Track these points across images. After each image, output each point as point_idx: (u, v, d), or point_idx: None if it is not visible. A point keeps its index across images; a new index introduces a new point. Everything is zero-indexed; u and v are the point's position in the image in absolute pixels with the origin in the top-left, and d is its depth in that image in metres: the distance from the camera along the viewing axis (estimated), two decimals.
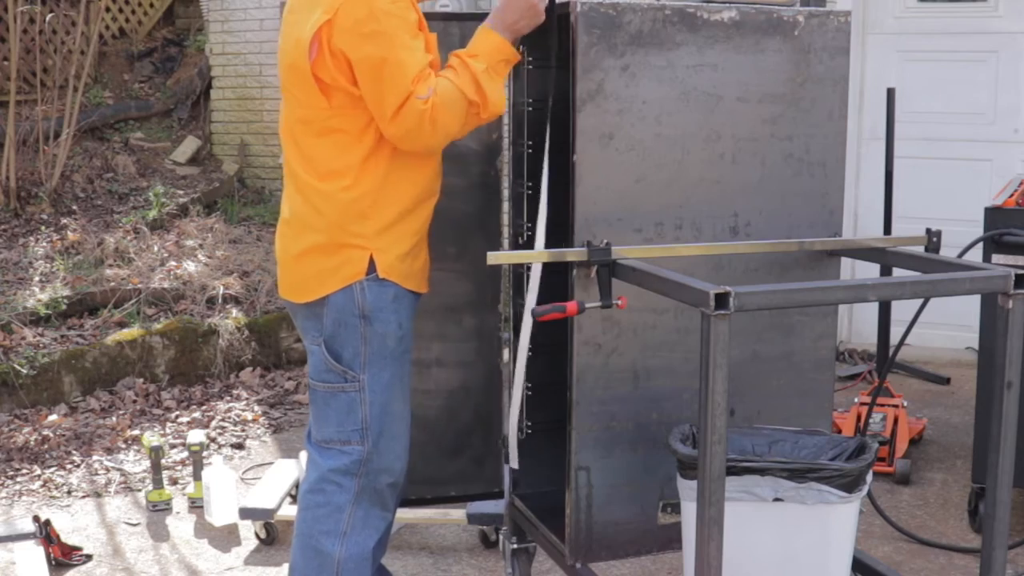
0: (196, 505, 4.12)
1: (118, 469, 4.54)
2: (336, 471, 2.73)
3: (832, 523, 2.45)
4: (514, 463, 2.91)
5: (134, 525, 4.05)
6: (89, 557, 3.77)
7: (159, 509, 4.15)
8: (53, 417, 4.96)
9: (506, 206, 3.03)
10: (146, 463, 4.45)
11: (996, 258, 3.58)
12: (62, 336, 5.40)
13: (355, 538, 2.74)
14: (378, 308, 2.67)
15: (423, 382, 3.10)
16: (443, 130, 2.56)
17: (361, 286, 2.65)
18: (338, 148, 2.62)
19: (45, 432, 4.80)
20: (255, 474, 4.52)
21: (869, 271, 3.76)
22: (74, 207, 6.80)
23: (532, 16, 2.64)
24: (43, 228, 6.46)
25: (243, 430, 4.99)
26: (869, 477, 2.47)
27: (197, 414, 5.13)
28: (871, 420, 4.31)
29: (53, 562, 3.65)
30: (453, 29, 2.96)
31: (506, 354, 3.10)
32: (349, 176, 2.62)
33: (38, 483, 4.41)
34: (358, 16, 2.48)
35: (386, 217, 2.66)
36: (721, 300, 2.07)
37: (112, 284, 5.81)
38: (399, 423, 2.76)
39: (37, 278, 5.88)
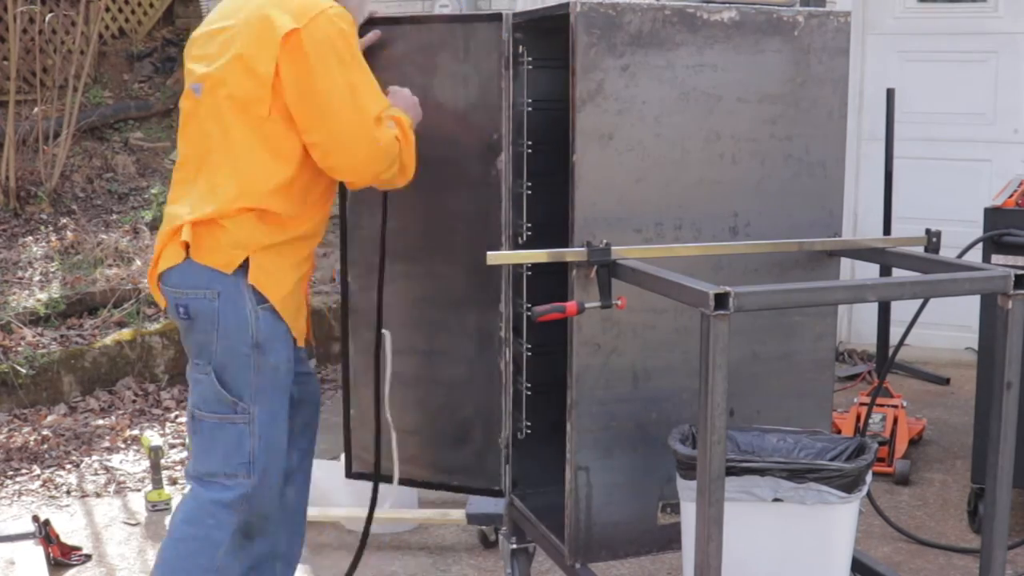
0: None
1: (117, 469, 4.54)
2: (218, 503, 2.63)
3: (832, 523, 2.45)
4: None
5: (133, 525, 4.05)
6: (88, 557, 3.77)
7: (159, 509, 4.14)
8: (52, 417, 4.96)
9: (506, 206, 3.02)
10: (146, 463, 4.45)
11: (996, 258, 3.58)
12: (61, 336, 5.40)
13: (225, 573, 2.67)
14: (272, 338, 2.63)
15: (430, 371, 3.11)
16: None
17: (256, 314, 2.60)
18: None
19: (45, 432, 4.80)
20: None
21: (869, 271, 3.75)
22: (73, 207, 6.80)
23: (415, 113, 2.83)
24: (42, 228, 6.46)
25: None
26: (869, 477, 2.47)
27: None
28: (871, 420, 4.31)
29: (52, 562, 3.65)
30: (456, 31, 2.95)
31: (506, 354, 3.09)
32: None
33: (37, 483, 4.41)
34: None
35: None
36: (721, 300, 2.06)
37: (111, 284, 5.81)
38: (279, 457, 2.72)
39: (36, 278, 5.88)
